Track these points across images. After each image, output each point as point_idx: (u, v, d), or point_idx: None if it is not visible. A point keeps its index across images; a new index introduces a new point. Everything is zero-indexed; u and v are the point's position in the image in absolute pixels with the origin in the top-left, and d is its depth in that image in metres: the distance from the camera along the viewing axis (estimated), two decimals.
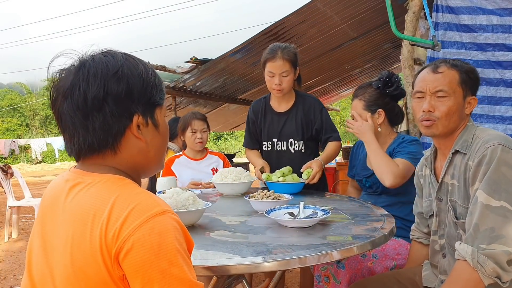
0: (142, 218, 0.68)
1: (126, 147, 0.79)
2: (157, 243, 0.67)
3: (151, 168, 0.86)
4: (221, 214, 1.62)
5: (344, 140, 24.78)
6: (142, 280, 0.66)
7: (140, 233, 0.67)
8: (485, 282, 1.12)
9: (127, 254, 0.66)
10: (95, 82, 0.74)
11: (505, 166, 1.15)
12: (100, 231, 0.68)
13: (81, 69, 0.75)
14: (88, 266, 0.68)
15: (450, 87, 1.30)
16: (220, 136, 27.79)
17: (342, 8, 4.14)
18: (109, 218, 0.68)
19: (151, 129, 0.82)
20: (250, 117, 2.36)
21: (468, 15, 2.82)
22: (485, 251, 1.12)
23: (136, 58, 0.82)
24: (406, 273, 1.53)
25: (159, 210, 0.70)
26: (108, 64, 0.76)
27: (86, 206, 0.72)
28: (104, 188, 0.74)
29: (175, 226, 0.70)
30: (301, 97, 2.30)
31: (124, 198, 0.71)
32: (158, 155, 0.85)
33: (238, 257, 1.01)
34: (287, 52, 2.12)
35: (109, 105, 0.75)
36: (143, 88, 0.79)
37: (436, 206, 1.39)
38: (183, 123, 2.58)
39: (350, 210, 1.60)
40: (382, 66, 7.68)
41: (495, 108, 2.80)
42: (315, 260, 1.03)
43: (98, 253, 0.67)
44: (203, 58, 4.87)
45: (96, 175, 0.76)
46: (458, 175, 1.29)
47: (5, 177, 4.79)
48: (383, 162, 1.79)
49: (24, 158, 22.97)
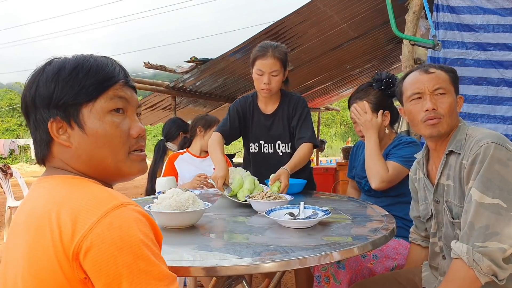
0: (99, 213, 0.64)
1: (57, 154, 0.77)
2: (118, 237, 0.62)
3: (107, 171, 0.78)
4: (221, 215, 1.61)
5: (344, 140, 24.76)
6: (106, 278, 0.62)
7: (98, 229, 0.62)
8: (482, 280, 1.12)
9: (87, 253, 0.62)
10: (28, 89, 0.77)
11: (498, 163, 1.15)
12: (52, 235, 0.64)
13: (33, 76, 0.78)
14: (43, 272, 0.64)
15: (446, 85, 1.32)
16: None
17: (342, 8, 4.13)
18: (60, 219, 0.64)
19: (77, 132, 0.75)
20: (237, 110, 2.20)
21: (468, 15, 2.81)
22: (480, 249, 1.12)
23: (53, 60, 0.77)
24: (406, 274, 1.53)
25: (116, 203, 0.66)
26: (39, 70, 0.77)
27: (37, 210, 0.69)
28: (53, 189, 0.71)
29: (137, 217, 0.66)
30: (286, 96, 2.19)
31: (78, 196, 0.68)
32: (93, 159, 0.76)
33: (238, 257, 1.00)
34: (278, 50, 2.04)
35: (32, 112, 0.77)
36: (53, 90, 0.73)
37: (434, 208, 1.39)
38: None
39: (351, 211, 1.60)
40: (382, 66, 7.68)
41: (496, 108, 2.79)
42: (316, 260, 1.03)
43: (52, 257, 0.63)
44: (203, 58, 4.86)
45: (51, 177, 0.76)
46: (453, 175, 1.29)
47: (5, 177, 4.79)
48: (375, 164, 1.81)
49: (24, 158, 22.94)
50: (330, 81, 7.72)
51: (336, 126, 28.26)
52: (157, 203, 1.36)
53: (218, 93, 6.50)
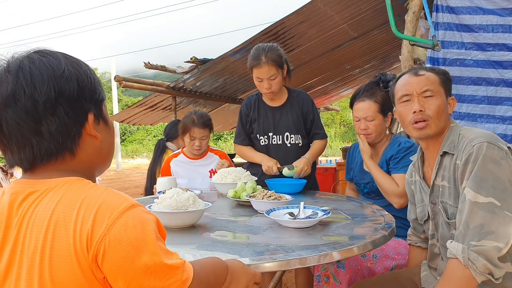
0: (114, 215, 0.66)
1: (83, 148, 0.77)
2: (134, 237, 0.66)
3: (104, 166, 0.85)
4: (221, 214, 1.62)
5: (344, 140, 24.74)
6: (126, 277, 0.65)
7: (115, 230, 0.65)
8: (478, 279, 1.12)
9: (105, 254, 0.64)
10: (43, 85, 0.70)
11: (491, 162, 1.15)
12: (74, 236, 0.65)
13: (19, 72, 0.70)
14: (62, 273, 0.65)
15: (435, 87, 1.33)
16: (220, 136, 27.79)
17: (343, 8, 4.13)
18: (78, 221, 0.66)
19: (103, 126, 0.81)
20: (244, 112, 2.36)
21: (468, 15, 2.82)
22: (475, 248, 1.12)
23: (73, 56, 0.79)
24: (405, 274, 1.53)
25: (128, 205, 0.69)
26: (51, 64, 0.73)
27: (48, 213, 0.68)
28: (66, 191, 0.70)
29: (147, 217, 0.70)
30: (294, 92, 2.34)
31: (90, 199, 0.69)
32: (110, 152, 0.84)
33: (238, 257, 1.01)
34: (271, 55, 2.10)
35: (63, 107, 0.72)
36: (91, 85, 0.77)
37: (431, 210, 1.40)
38: (183, 126, 2.48)
39: (350, 210, 1.60)
40: (382, 66, 7.68)
41: (495, 108, 2.79)
42: (315, 260, 1.03)
43: (73, 258, 0.65)
44: (203, 58, 4.86)
45: (51, 180, 0.72)
46: (448, 176, 1.29)
47: (5, 177, 4.80)
48: (385, 185, 1.84)
49: None
50: (329, 81, 7.72)
51: (336, 126, 28.26)
52: (158, 203, 1.37)
53: (218, 93, 6.50)
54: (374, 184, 1.92)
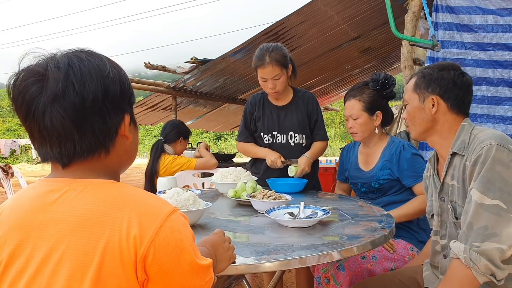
0: (160, 218, 0.70)
1: (116, 148, 0.79)
2: (180, 240, 0.71)
3: (128, 166, 0.87)
4: (221, 214, 1.62)
5: (343, 140, 24.72)
6: (173, 277, 0.70)
7: (163, 233, 0.69)
8: (479, 279, 1.12)
9: (154, 256, 0.68)
10: (92, 84, 0.72)
11: (500, 165, 1.15)
12: (120, 238, 0.66)
13: (69, 69, 0.71)
14: (103, 273, 0.66)
15: None
16: (220, 136, 27.79)
17: (343, 8, 4.13)
18: (124, 223, 0.67)
19: (133, 127, 0.83)
20: (248, 110, 2.37)
21: (468, 15, 2.82)
22: (477, 249, 1.12)
23: (109, 58, 0.81)
24: (408, 273, 1.53)
25: (171, 209, 0.73)
26: (98, 65, 0.75)
27: (86, 213, 0.69)
28: (104, 192, 0.72)
29: (185, 221, 0.75)
30: (299, 92, 2.36)
31: (132, 202, 0.71)
32: (135, 153, 0.87)
33: (238, 257, 1.01)
34: (275, 55, 2.11)
35: (107, 107, 0.74)
36: (129, 87, 0.80)
37: (439, 206, 1.40)
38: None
39: (350, 210, 1.60)
40: (382, 67, 7.68)
41: (496, 108, 2.80)
42: (315, 260, 1.03)
43: (116, 259, 0.66)
44: (203, 58, 4.86)
45: (86, 180, 0.73)
46: (457, 176, 1.29)
47: (6, 177, 4.80)
48: (417, 209, 1.79)
49: (25, 158, 22.96)
50: (329, 82, 7.72)
51: (336, 126, 28.26)
52: None
53: (218, 94, 6.50)
54: (371, 183, 1.92)
